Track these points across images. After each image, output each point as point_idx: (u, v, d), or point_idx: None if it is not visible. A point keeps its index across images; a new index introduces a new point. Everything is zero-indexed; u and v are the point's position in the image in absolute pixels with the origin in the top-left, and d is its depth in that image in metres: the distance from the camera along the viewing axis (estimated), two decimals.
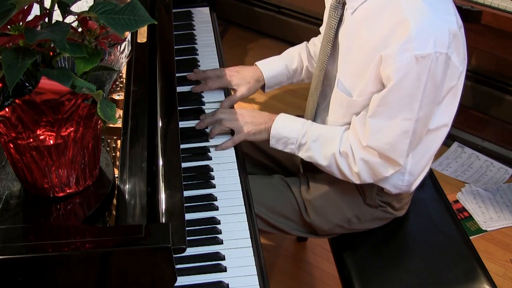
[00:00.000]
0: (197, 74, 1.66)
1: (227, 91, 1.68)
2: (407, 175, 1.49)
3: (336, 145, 1.43)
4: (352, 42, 1.39)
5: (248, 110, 1.56)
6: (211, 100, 1.63)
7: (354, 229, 1.61)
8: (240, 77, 1.65)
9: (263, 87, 1.71)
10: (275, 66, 1.70)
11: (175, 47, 1.59)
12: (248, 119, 1.52)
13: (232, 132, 1.52)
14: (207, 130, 1.54)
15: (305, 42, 1.77)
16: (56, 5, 0.92)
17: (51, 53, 0.94)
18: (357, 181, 1.44)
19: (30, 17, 0.89)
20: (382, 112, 1.33)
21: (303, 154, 1.50)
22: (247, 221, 1.33)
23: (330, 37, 1.44)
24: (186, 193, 1.33)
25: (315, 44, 1.75)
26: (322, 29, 1.72)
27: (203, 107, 1.60)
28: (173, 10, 1.70)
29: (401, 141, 1.34)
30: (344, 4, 1.40)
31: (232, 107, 1.61)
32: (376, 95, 1.33)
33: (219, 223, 1.32)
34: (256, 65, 1.70)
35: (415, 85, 1.26)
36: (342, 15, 1.42)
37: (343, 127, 1.46)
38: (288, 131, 1.49)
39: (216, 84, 1.64)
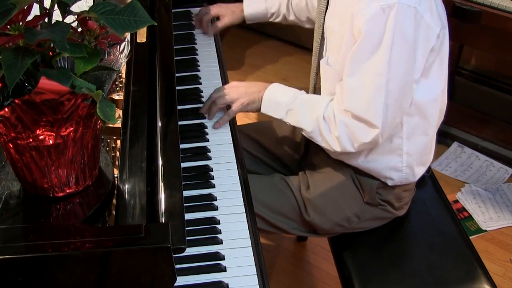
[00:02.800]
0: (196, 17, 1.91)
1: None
2: (404, 156, 1.50)
3: (321, 110, 1.45)
4: (336, 20, 1.43)
5: (243, 82, 1.59)
6: None
7: (355, 228, 1.61)
8: (222, 9, 1.88)
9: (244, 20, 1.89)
10: (255, 6, 1.87)
11: (175, 47, 1.59)
12: (242, 90, 1.56)
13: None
14: (207, 130, 1.55)
15: None
16: (56, 5, 0.92)
17: (50, 53, 0.94)
18: (338, 148, 1.44)
19: (30, 17, 0.89)
20: (355, 70, 1.35)
21: (290, 119, 1.52)
22: (247, 221, 1.33)
23: (321, 21, 1.49)
24: (186, 193, 1.33)
25: None
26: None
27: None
28: (173, 10, 1.70)
29: (374, 99, 1.34)
30: None
31: (217, 33, 1.89)
32: (349, 54, 1.35)
33: (219, 223, 1.32)
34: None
35: (382, 35, 1.29)
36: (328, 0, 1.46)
37: (331, 97, 1.49)
38: (279, 97, 1.53)
39: (205, 17, 1.88)
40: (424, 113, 1.46)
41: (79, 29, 0.95)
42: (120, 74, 1.41)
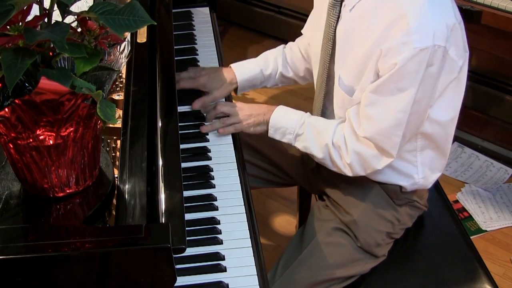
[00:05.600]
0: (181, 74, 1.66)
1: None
2: (419, 167, 1.50)
3: (329, 135, 1.44)
4: (351, 39, 1.40)
5: (247, 104, 1.57)
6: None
7: (397, 233, 1.58)
8: (211, 81, 1.64)
9: (236, 89, 1.71)
10: (249, 70, 1.70)
11: (175, 47, 1.59)
12: (247, 112, 1.54)
13: None
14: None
15: (282, 46, 1.76)
16: (55, 5, 0.92)
17: (50, 53, 0.94)
18: (350, 173, 1.44)
19: (29, 17, 0.89)
20: (377, 101, 1.34)
21: (299, 145, 1.51)
22: (247, 221, 1.33)
23: (331, 35, 1.45)
24: (186, 193, 1.33)
25: (292, 49, 1.74)
26: (304, 31, 1.72)
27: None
28: (173, 10, 1.70)
29: (394, 133, 1.35)
30: (342, 1, 1.41)
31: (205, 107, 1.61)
32: (372, 84, 1.34)
33: (219, 223, 1.32)
34: (230, 67, 1.70)
35: (412, 77, 1.28)
36: (339, 12, 1.43)
37: (338, 120, 1.48)
38: (286, 121, 1.51)
39: (186, 85, 1.63)
40: (444, 131, 1.45)
41: (79, 29, 0.95)
42: (120, 74, 1.41)
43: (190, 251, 1.24)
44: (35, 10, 0.91)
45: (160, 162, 1.16)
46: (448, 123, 1.45)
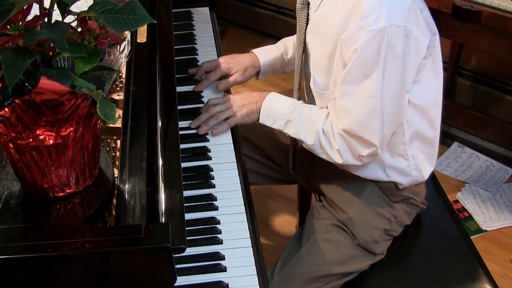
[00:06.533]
0: (197, 73, 1.68)
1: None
2: (411, 159, 1.50)
3: (320, 122, 1.45)
4: (318, 39, 1.43)
5: (238, 94, 1.58)
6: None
7: (395, 230, 1.58)
8: (236, 63, 1.69)
9: (257, 74, 1.75)
10: (271, 54, 1.74)
11: (175, 47, 1.59)
12: (239, 103, 1.55)
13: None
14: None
15: None
16: (55, 5, 0.92)
17: (50, 53, 0.94)
18: (340, 160, 1.44)
19: (29, 17, 0.89)
20: (348, 91, 1.35)
21: (290, 131, 1.51)
22: (247, 221, 1.33)
23: (301, 38, 1.48)
24: (186, 193, 1.33)
25: None
26: None
27: (202, 106, 1.60)
28: (173, 10, 1.70)
29: (371, 120, 1.35)
30: (308, 4, 1.44)
31: (227, 90, 1.66)
32: (341, 74, 1.35)
33: (219, 223, 1.32)
34: (252, 52, 1.74)
35: (374, 59, 1.29)
36: (308, 15, 1.46)
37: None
38: (278, 108, 1.52)
39: (217, 75, 1.66)
40: (426, 115, 1.45)
41: (79, 29, 0.95)
42: (120, 74, 1.41)
43: (190, 251, 1.24)
44: (35, 10, 0.91)
45: (160, 162, 1.16)
46: (429, 106, 1.44)
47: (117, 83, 1.39)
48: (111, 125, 1.23)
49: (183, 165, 1.34)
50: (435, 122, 1.49)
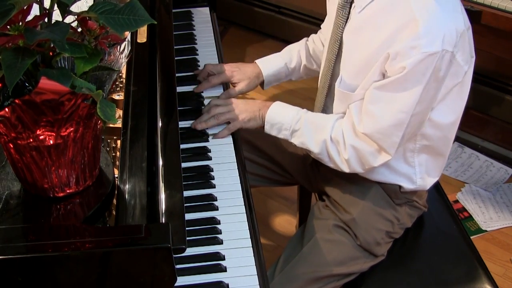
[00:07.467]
0: (200, 74, 1.69)
1: (227, 87, 1.69)
2: (417, 167, 1.50)
3: (327, 131, 1.44)
4: (358, 40, 1.40)
5: (242, 99, 1.58)
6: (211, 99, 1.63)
7: (397, 232, 1.58)
8: (240, 72, 1.70)
9: (262, 84, 1.75)
10: (274, 64, 1.74)
11: (175, 47, 1.59)
12: (242, 108, 1.54)
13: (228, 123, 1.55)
14: (207, 130, 1.54)
15: (305, 39, 1.78)
16: (55, 5, 0.92)
17: (50, 53, 0.94)
18: (347, 169, 1.44)
19: (29, 17, 0.89)
20: (380, 98, 1.34)
21: (296, 140, 1.51)
22: (247, 221, 1.33)
23: (338, 35, 1.45)
24: (186, 193, 1.33)
25: (314, 41, 1.76)
26: (324, 26, 1.72)
27: (203, 107, 1.60)
28: (173, 10, 1.70)
29: (394, 132, 1.35)
30: (351, 2, 1.41)
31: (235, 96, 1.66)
32: (378, 82, 1.34)
33: (219, 223, 1.32)
34: (255, 62, 1.74)
35: (418, 79, 1.28)
36: (349, 13, 1.43)
37: (336, 116, 1.48)
38: (282, 117, 1.51)
39: (219, 80, 1.67)
40: (443, 134, 1.45)
41: (79, 29, 0.95)
42: (120, 74, 1.41)
43: (190, 251, 1.24)
44: (35, 10, 0.91)
45: (160, 162, 1.16)
46: (448, 126, 1.44)
47: (117, 83, 1.39)
48: (111, 125, 1.23)
49: (183, 165, 1.34)
50: (449, 141, 1.49)
